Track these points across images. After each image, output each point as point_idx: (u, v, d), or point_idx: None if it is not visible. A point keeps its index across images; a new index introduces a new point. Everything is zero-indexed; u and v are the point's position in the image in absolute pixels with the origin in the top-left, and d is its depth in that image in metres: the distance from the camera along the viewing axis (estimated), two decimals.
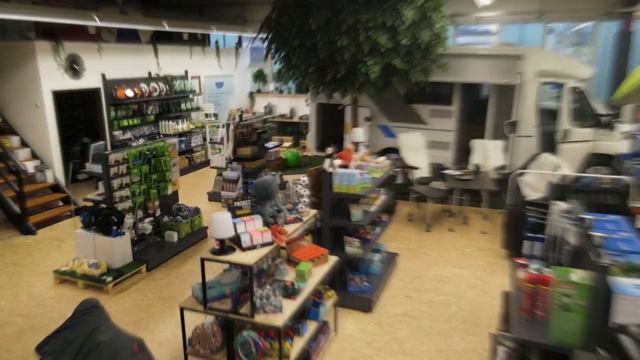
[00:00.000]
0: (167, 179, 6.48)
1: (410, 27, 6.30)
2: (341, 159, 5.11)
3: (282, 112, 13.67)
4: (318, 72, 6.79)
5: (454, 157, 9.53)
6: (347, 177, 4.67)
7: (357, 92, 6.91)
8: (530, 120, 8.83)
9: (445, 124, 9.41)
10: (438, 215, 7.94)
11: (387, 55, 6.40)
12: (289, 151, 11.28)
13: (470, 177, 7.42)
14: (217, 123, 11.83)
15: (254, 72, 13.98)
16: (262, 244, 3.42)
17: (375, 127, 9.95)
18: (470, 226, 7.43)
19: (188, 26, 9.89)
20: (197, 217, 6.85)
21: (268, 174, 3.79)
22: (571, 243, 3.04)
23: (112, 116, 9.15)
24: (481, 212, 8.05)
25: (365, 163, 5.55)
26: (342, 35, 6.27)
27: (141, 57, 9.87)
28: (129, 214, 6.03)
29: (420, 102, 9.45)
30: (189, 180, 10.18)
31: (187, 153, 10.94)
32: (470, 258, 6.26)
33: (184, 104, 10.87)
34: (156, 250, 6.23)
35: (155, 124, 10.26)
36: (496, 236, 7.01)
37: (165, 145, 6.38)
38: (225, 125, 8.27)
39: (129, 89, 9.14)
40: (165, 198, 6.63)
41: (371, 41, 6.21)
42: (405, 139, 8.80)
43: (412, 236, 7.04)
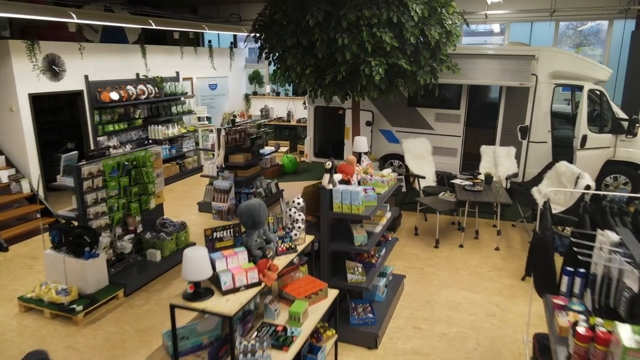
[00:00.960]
0: (149, 191, 5.87)
1: (419, 24, 5.69)
2: (342, 172, 4.50)
3: (279, 115, 13.07)
4: (316, 74, 6.17)
5: (461, 164, 8.93)
6: (349, 196, 4.06)
7: (359, 95, 6.29)
8: (544, 125, 8.25)
9: (452, 129, 8.82)
10: (446, 228, 7.33)
11: (393, 54, 5.78)
12: (286, 156, 10.67)
13: (482, 188, 6.81)
14: (210, 127, 11.22)
15: (249, 73, 13.37)
16: (247, 285, 2.80)
17: (378, 131, 9.35)
18: (482, 241, 6.82)
19: (178, 25, 9.27)
20: (183, 232, 6.23)
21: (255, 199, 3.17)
22: (634, 289, 2.43)
23: (96, 120, 8.53)
24: (493, 225, 7.44)
25: (369, 176, 4.95)
26: (342, 33, 5.64)
27: (128, 57, 9.25)
28: (106, 232, 5.41)
29: (426, 106, 8.86)
30: (179, 189, 9.57)
31: (178, 159, 10.33)
32: (485, 280, 5.65)
33: (175, 107, 10.25)
34: (137, 271, 5.62)
35: (144, 128, 9.64)
36: (511, 253, 6.40)
37: (146, 155, 5.76)
38: (215, 130, 7.65)
39: (114, 92, 8.52)
40: (148, 212, 6.02)
41: (375, 39, 5.59)
42: (410, 145, 8.20)
43: (418, 253, 6.43)
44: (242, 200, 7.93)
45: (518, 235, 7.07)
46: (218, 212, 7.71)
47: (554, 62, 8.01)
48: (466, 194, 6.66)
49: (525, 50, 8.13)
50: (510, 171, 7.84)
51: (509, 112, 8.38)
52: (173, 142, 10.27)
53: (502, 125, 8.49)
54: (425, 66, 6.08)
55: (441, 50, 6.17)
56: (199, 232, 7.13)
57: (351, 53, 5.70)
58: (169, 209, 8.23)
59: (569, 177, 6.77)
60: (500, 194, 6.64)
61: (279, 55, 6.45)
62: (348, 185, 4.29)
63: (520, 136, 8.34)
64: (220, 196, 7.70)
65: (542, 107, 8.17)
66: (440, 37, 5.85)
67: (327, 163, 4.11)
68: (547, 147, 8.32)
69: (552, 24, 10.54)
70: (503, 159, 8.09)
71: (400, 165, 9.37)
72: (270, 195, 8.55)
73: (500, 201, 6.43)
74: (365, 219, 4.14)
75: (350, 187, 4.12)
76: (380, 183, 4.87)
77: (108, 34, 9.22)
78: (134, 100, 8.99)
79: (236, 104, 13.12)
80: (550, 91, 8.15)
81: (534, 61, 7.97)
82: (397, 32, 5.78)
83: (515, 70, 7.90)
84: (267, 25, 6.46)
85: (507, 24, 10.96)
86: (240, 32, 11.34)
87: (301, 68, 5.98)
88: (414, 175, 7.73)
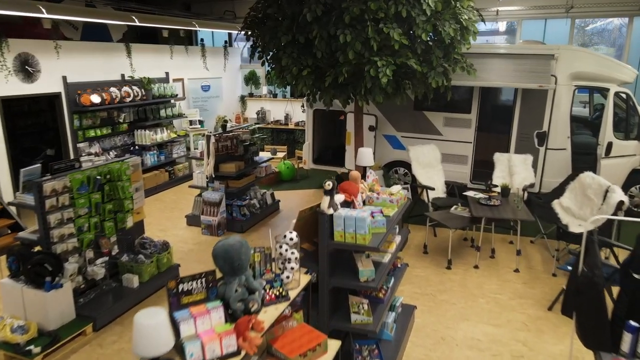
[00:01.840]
0: (125, 208, 5.18)
1: (431, 19, 5.00)
2: (344, 192, 3.81)
3: (276, 117, 12.39)
4: (314, 75, 5.48)
5: (472, 173, 8.26)
6: (353, 222, 3.38)
7: (363, 99, 5.61)
8: (563, 130, 7.57)
9: (463, 135, 8.14)
10: (458, 245, 6.64)
11: (401, 53, 5.10)
12: (283, 163, 9.98)
13: (498, 202, 6.13)
14: (202, 131, 10.54)
15: (245, 73, 12.69)
16: (222, 356, 2.12)
17: (381, 137, 8.67)
18: (498, 261, 6.14)
19: (165, 22, 8.59)
20: (165, 254, 5.55)
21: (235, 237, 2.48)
22: None
23: (76, 126, 7.85)
24: (510, 242, 6.76)
25: (376, 195, 4.27)
26: (344, 29, 4.96)
27: (112, 57, 8.57)
28: (74, 256, 4.73)
29: (434, 109, 8.18)
30: (168, 198, 8.88)
31: (167, 165, 9.65)
32: (507, 309, 4.96)
33: (164, 110, 9.57)
34: (111, 300, 4.94)
35: (130, 133, 8.96)
36: (532, 275, 5.72)
37: (122, 168, 5.08)
38: (205, 137, 6.97)
39: (95, 94, 7.83)
40: (125, 232, 5.33)
41: (382, 36, 4.91)
42: (418, 152, 7.51)
43: (429, 275, 5.74)
44: (234, 214, 7.26)
45: (538, 254, 6.39)
46: (207, 227, 7.05)
47: (574, 62, 7.33)
48: (482, 209, 5.98)
49: (544, 49, 7.45)
50: (527, 181, 7.15)
51: (524, 116, 7.70)
52: (162, 148, 9.59)
53: (518, 130, 7.81)
54: (437, 67, 5.40)
55: (455, 48, 5.49)
56: (185, 251, 6.45)
57: (354, 52, 5.01)
58: (155, 221, 7.55)
59: (595, 191, 6.07)
60: (519, 209, 5.95)
61: (272, 55, 5.76)
62: (352, 209, 3.61)
63: (538, 143, 7.66)
64: (210, 209, 7.03)
65: (561, 111, 7.50)
66: (455, 33, 5.16)
67: (327, 183, 3.43)
68: (566, 155, 7.64)
69: (567, 22, 9.85)
70: (519, 168, 7.39)
71: (405, 174, 8.70)
72: (266, 207, 7.88)
73: (521, 218, 5.74)
74: (373, 250, 3.46)
75: (354, 212, 3.44)
76: (389, 203, 4.19)
77: (90, 32, 8.55)
78: (118, 103, 8.31)
79: (231, 106, 12.44)
80: (571, 94, 7.47)
81: (553, 61, 7.29)
82: (406, 28, 5.09)
83: (533, 71, 7.22)
84: (260, 21, 5.77)
85: (519, 22, 10.28)
86: (234, 30, 10.66)
87: (297, 69, 5.28)
88: (422, 186, 7.05)
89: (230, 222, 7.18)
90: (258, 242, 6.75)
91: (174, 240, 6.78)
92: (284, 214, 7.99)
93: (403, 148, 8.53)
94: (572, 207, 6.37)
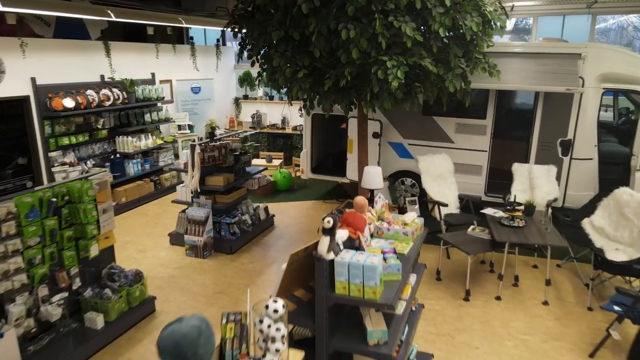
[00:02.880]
0: (88, 235, 4.39)
1: (451, 10, 4.21)
2: (348, 226, 3.03)
3: (272, 121, 11.61)
4: (312, 78, 4.69)
5: (487, 185, 7.48)
6: (360, 271, 2.60)
7: (369, 105, 4.81)
8: (590, 138, 6.79)
9: (477, 142, 7.36)
10: (475, 270, 5.86)
11: (414, 52, 4.31)
12: (279, 171, 9.19)
13: (523, 223, 5.34)
14: (192, 136, 9.75)
15: (240, 74, 11.90)
16: None
17: (387, 144, 7.89)
18: (523, 290, 5.36)
19: (148, 17, 7.78)
20: (137, 286, 4.75)
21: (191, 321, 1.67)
22: None
23: (47, 133, 7.06)
24: (534, 265, 5.98)
25: (386, 225, 3.49)
26: (347, 23, 4.16)
27: (90, 56, 7.78)
28: (22, 296, 3.94)
29: (444, 114, 7.40)
30: (152, 211, 8.09)
31: (153, 174, 8.86)
32: (540, 356, 4.18)
33: (149, 115, 8.77)
34: (72, 345, 4.15)
35: (110, 140, 8.17)
36: (565, 309, 4.93)
37: (83, 187, 4.29)
38: (189, 147, 6.19)
39: (68, 98, 7.04)
40: (89, 262, 4.55)
41: (391, 31, 4.13)
42: (428, 163, 6.71)
43: (445, 309, 4.96)
44: (223, 232, 6.47)
45: (567, 281, 5.60)
46: (192, 248, 6.27)
47: (603, 62, 6.55)
48: (504, 231, 5.18)
49: (569, 48, 6.67)
50: (551, 196, 6.36)
51: (547, 123, 6.92)
52: (147, 156, 8.80)
53: (539, 138, 7.02)
54: (455, 68, 4.60)
55: (477, 46, 4.69)
56: (166, 277, 5.67)
57: (359, 50, 4.22)
58: (135, 240, 6.77)
59: (635, 209, 5.29)
60: (548, 232, 5.16)
61: (263, 54, 4.96)
62: (358, 251, 2.82)
63: (562, 152, 6.89)
64: (195, 228, 6.25)
65: (588, 117, 6.73)
66: (478, 28, 4.35)
67: (327, 220, 2.64)
68: (592, 165, 6.87)
69: (588, 18, 9.07)
70: (541, 180, 6.59)
71: (413, 185, 7.92)
72: (259, 223, 7.10)
73: (551, 244, 4.94)
74: (387, 309, 2.67)
75: (361, 257, 2.65)
76: (402, 236, 3.41)
77: (64, 28, 7.76)
78: (96, 107, 7.52)
79: (224, 109, 11.65)
80: (598, 97, 6.70)
81: (580, 61, 6.51)
82: (420, 21, 4.30)
83: (558, 72, 6.44)
84: (249, 14, 4.98)
85: (534, 18, 9.50)
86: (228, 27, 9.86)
87: (292, 70, 4.48)
88: (433, 201, 6.26)
89: (218, 241, 6.40)
90: (248, 266, 5.97)
91: (153, 264, 6.01)
92: (280, 231, 7.20)
93: (410, 157, 7.75)
94: (606, 228, 5.59)
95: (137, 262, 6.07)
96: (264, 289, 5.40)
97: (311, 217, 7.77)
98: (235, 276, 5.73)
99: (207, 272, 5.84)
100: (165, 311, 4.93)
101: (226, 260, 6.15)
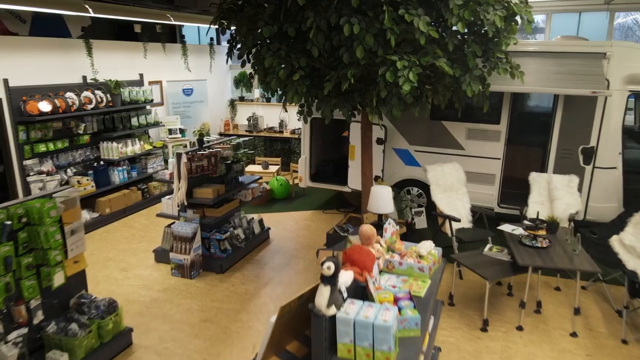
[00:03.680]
0: (51, 262, 3.81)
1: (471, 2, 3.61)
2: (352, 265, 2.46)
3: (269, 124, 11.03)
4: (309, 80, 4.10)
5: (500, 195, 6.90)
6: (369, 331, 2.02)
7: (375, 112, 4.21)
8: (614, 145, 6.21)
9: (489, 149, 6.79)
10: (492, 293, 5.27)
11: (428, 50, 3.72)
12: (276, 179, 8.61)
13: (547, 243, 4.75)
14: (184, 141, 9.18)
15: (235, 74, 11.32)
16: None
17: (391, 151, 7.31)
18: (547, 318, 4.77)
19: (131, 13, 7.19)
20: (111, 317, 4.16)
21: None
22: None
23: (22, 139, 6.47)
24: (556, 288, 5.39)
25: (397, 258, 2.91)
26: (351, 16, 3.58)
27: (71, 56, 7.19)
28: None
29: (454, 119, 6.83)
30: (139, 223, 7.50)
31: (141, 182, 8.27)
32: None
33: (137, 119, 8.19)
34: None
35: (94, 146, 7.58)
36: (596, 342, 4.34)
37: (44, 207, 3.70)
38: (175, 155, 5.60)
39: (45, 101, 6.45)
40: (52, 292, 3.96)
41: (402, 26, 3.54)
42: (438, 173, 6.13)
43: (460, 342, 4.37)
44: (213, 249, 5.88)
45: (595, 306, 5.02)
46: (178, 267, 5.69)
47: (630, 62, 5.98)
48: (527, 254, 4.59)
49: (592, 47, 6.09)
50: (572, 209, 5.79)
51: (567, 128, 6.35)
52: (134, 162, 8.22)
53: (558, 145, 6.45)
54: (474, 69, 4.01)
55: (499, 44, 4.09)
56: (147, 301, 5.08)
57: (364, 48, 3.64)
58: (118, 256, 6.20)
59: None
60: (577, 254, 4.57)
61: (254, 52, 4.35)
62: (366, 302, 2.24)
63: (583, 160, 6.31)
64: (181, 245, 5.66)
65: (612, 122, 6.15)
66: (501, 23, 3.76)
67: (327, 266, 2.05)
68: (617, 175, 6.30)
69: (606, 15, 8.48)
70: (561, 191, 6.01)
71: (420, 194, 7.34)
72: (253, 237, 6.51)
73: (582, 269, 4.34)
74: None
75: (371, 313, 2.07)
76: (417, 272, 2.83)
77: (42, 25, 7.18)
78: (76, 111, 6.93)
79: (218, 112, 11.07)
80: (624, 101, 6.12)
81: (605, 61, 5.94)
82: (434, 15, 3.72)
83: (581, 73, 5.86)
84: (238, 8, 4.38)
85: (548, 15, 8.91)
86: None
87: (286, 72, 3.89)
88: (444, 216, 5.68)
89: (207, 259, 5.81)
90: (240, 288, 5.38)
91: (135, 285, 5.43)
92: (276, 246, 6.62)
93: (417, 164, 7.18)
94: (638, 247, 5.01)
95: (118, 283, 5.49)
96: (256, 316, 4.82)
97: (310, 230, 7.18)
98: (225, 300, 5.15)
99: (193, 295, 5.25)
100: (143, 345, 4.35)
101: (215, 281, 5.57)
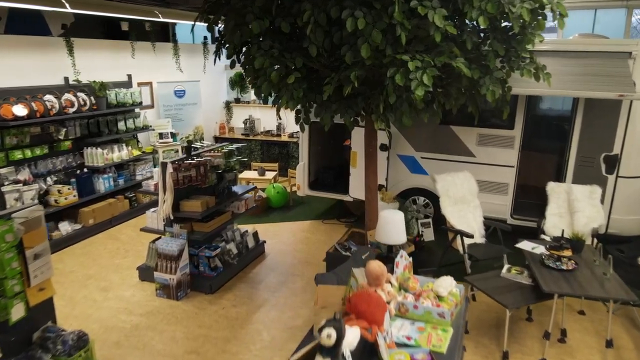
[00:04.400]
0: (8, 293, 3.30)
1: None
2: (360, 317, 1.95)
3: (267, 127, 10.52)
4: (306, 83, 3.58)
5: (513, 205, 6.40)
6: None
7: (382, 119, 3.69)
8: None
9: (502, 156, 6.29)
10: (510, 318, 4.75)
11: (444, 49, 3.21)
12: (273, 186, 8.10)
13: (573, 266, 4.24)
14: (175, 145, 8.67)
15: (231, 75, 10.80)
16: None
17: (396, 158, 6.81)
18: (573, 348, 4.26)
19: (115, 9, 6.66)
20: (80, 353, 3.65)
21: None
22: None
23: None
24: (580, 312, 4.88)
25: (412, 300, 2.41)
26: (354, 9, 3.07)
27: (51, 56, 6.69)
28: None
29: (464, 123, 6.33)
30: (125, 234, 7.00)
31: (128, 190, 7.76)
32: None
33: (124, 122, 7.68)
34: None
35: (77, 153, 7.07)
36: None
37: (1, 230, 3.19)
38: (160, 165, 5.10)
39: (20, 105, 5.94)
40: (10, 328, 3.44)
41: (414, 21, 3.03)
42: (448, 183, 5.63)
43: None
44: (202, 267, 5.37)
45: (625, 334, 4.51)
46: (163, 287, 5.19)
47: None
48: (552, 278, 4.07)
49: (617, 45, 5.58)
50: (595, 223, 5.31)
51: (588, 134, 5.85)
52: (122, 169, 7.71)
53: (577, 152, 5.94)
54: (495, 70, 3.50)
55: (526, 42, 3.58)
56: (128, 328, 4.57)
57: (370, 46, 3.13)
58: (99, 273, 5.70)
59: None
60: (608, 278, 4.06)
61: (244, 52, 3.84)
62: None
63: (606, 169, 5.81)
64: (166, 264, 5.16)
65: (638, 128, 5.64)
66: (529, 17, 3.25)
67: (327, 334, 1.54)
68: None
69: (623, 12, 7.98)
70: (582, 203, 5.51)
71: (427, 204, 6.83)
72: (247, 252, 6.00)
73: (616, 297, 3.83)
74: None
75: None
76: (436, 318, 2.32)
77: (18, 22, 6.67)
78: (56, 115, 6.42)
79: (213, 114, 10.56)
80: None
81: (631, 60, 5.43)
82: (451, 8, 3.21)
83: (605, 75, 5.34)
84: (225, 1, 3.87)
85: None
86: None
87: (279, 74, 3.37)
88: (456, 231, 5.17)
89: (195, 278, 5.30)
90: (231, 311, 4.86)
91: (115, 308, 4.92)
92: (272, 261, 6.11)
93: (424, 172, 6.68)
94: None
95: (96, 306, 4.98)
96: (247, 347, 4.31)
97: (309, 243, 6.67)
98: (214, 326, 4.64)
99: (179, 320, 4.74)
100: None
101: (204, 303, 5.06)
